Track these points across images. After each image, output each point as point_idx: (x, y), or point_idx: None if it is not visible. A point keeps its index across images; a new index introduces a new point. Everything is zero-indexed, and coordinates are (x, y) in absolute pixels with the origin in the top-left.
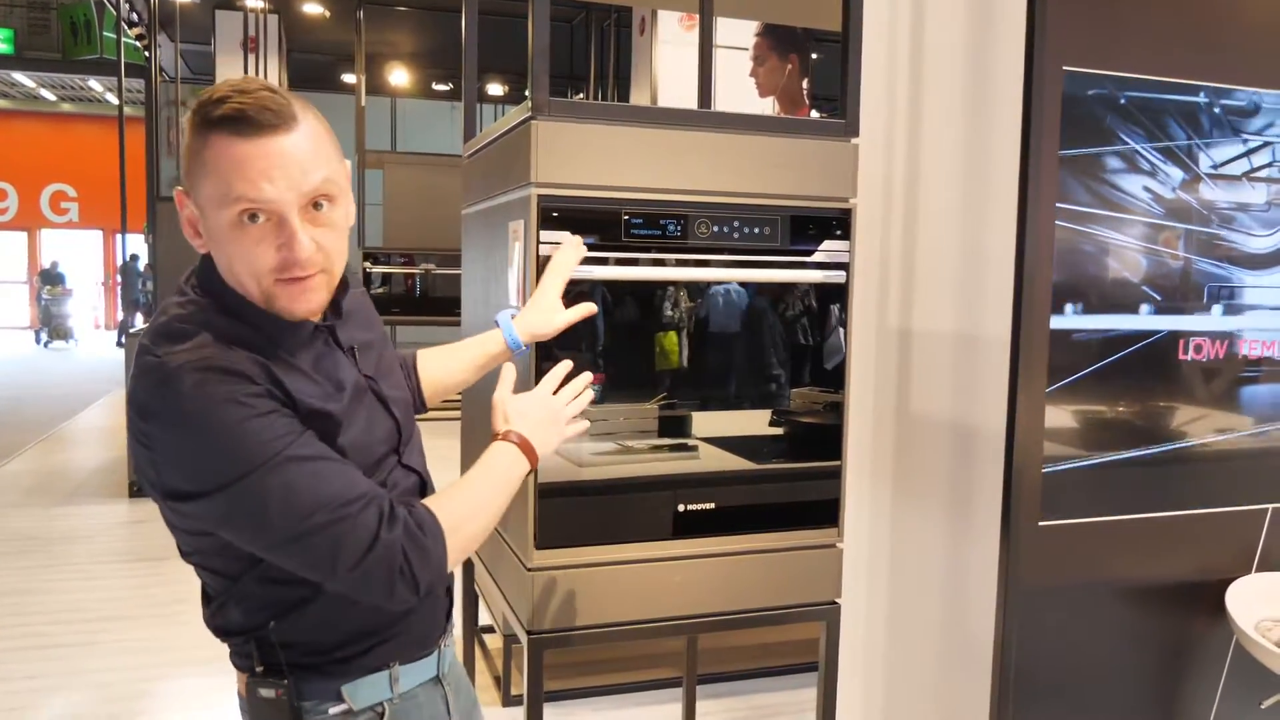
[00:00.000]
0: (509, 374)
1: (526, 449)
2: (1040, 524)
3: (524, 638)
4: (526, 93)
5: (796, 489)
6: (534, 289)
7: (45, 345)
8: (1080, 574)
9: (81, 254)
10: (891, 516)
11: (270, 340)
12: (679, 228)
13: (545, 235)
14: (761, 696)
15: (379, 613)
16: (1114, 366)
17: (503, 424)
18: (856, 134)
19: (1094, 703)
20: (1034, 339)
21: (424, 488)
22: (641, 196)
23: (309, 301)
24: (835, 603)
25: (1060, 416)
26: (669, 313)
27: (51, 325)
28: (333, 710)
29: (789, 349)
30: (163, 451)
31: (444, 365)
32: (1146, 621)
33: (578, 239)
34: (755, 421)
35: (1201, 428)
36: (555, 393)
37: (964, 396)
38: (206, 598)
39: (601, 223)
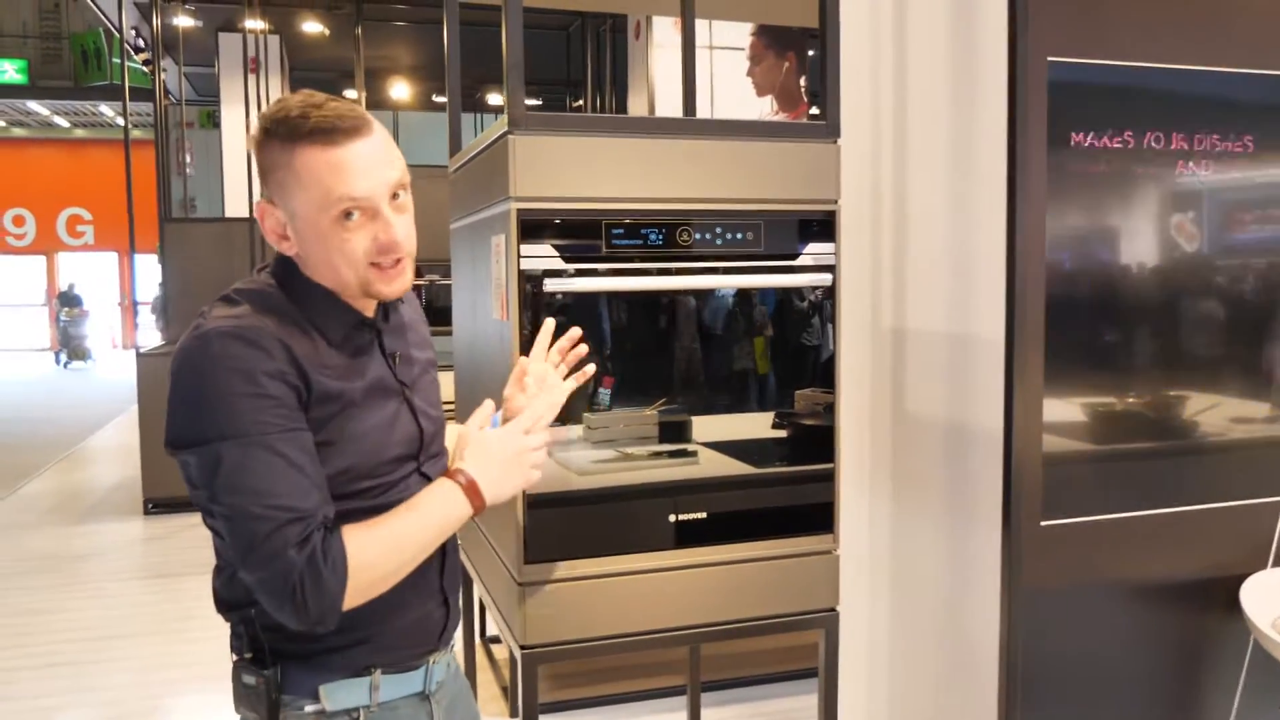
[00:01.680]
0: (485, 408)
1: (473, 492)
2: (1042, 524)
3: (516, 652)
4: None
5: (792, 493)
6: (516, 304)
7: (65, 366)
8: (1086, 574)
9: (98, 276)
10: (892, 520)
11: (316, 320)
12: (661, 236)
13: (526, 249)
14: (769, 703)
15: (360, 609)
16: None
17: (458, 460)
18: (839, 135)
19: (1105, 709)
20: (1028, 332)
21: None
22: (622, 206)
23: (402, 283)
24: (834, 610)
25: (1061, 410)
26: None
27: (70, 346)
28: (309, 708)
29: (790, 351)
30: (171, 399)
31: None
32: (1158, 622)
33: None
34: (759, 425)
35: (1211, 418)
36: (528, 432)
37: (961, 395)
38: (218, 569)
39: (582, 234)
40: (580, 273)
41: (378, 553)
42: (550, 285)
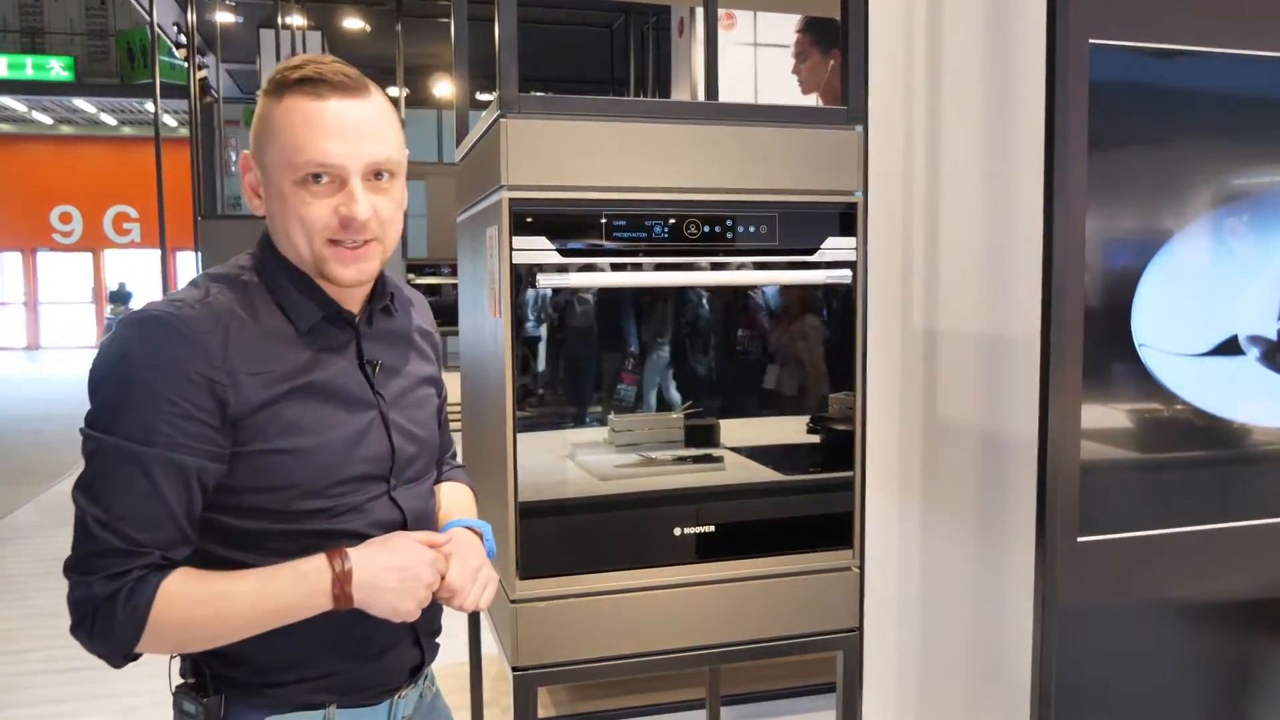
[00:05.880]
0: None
1: (343, 582)
2: (1079, 539)
3: (509, 673)
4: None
5: (812, 504)
6: (507, 301)
7: None
8: (1128, 594)
9: (144, 273)
10: (921, 533)
11: (284, 304)
12: (666, 229)
13: (519, 243)
14: (794, 718)
15: (317, 644)
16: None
17: (355, 548)
18: (861, 121)
19: None
20: (1066, 334)
21: (403, 526)
22: (624, 196)
23: (360, 269)
24: (853, 630)
25: (1102, 416)
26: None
27: None
28: None
29: (833, 352)
30: (90, 372)
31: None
32: (1207, 647)
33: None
34: (795, 430)
35: (1266, 424)
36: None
37: (998, 400)
38: None
39: (580, 226)
40: (577, 268)
41: (191, 615)
42: (544, 281)
